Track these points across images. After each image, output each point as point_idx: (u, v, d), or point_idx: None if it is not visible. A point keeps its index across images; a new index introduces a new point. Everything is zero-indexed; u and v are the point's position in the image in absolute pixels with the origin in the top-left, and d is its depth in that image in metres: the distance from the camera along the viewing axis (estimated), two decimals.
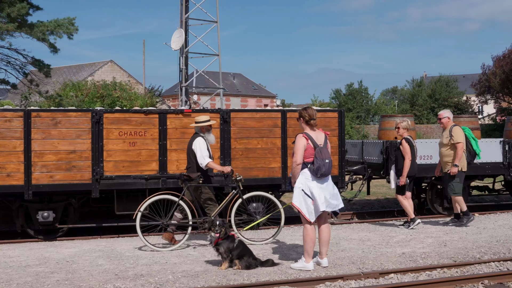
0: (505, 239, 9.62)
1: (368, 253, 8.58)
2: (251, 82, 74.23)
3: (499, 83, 36.12)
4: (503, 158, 12.97)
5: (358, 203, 15.74)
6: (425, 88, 54.61)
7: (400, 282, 6.93)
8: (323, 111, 11.79)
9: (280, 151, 11.13)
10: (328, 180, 7.54)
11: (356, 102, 48.87)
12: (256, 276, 7.26)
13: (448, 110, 11.29)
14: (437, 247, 9.01)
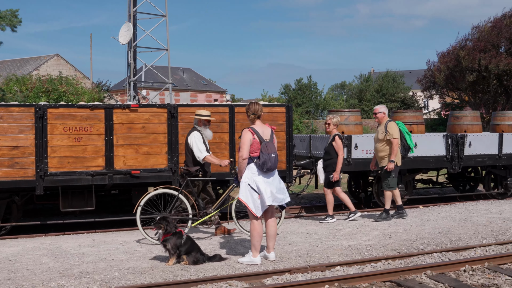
0: (447, 230, 9.88)
1: (315, 246, 8.67)
2: (200, 77, 73.88)
3: (443, 78, 36.95)
4: (446, 152, 13.29)
5: (306, 197, 15.87)
6: (373, 84, 55.53)
7: (346, 274, 7.02)
8: (271, 106, 11.84)
9: (228, 146, 11.12)
10: (275, 175, 7.58)
11: (306, 97, 49.19)
12: (204, 271, 7.25)
13: (383, 105, 11.36)
14: (382, 239, 9.19)
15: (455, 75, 35.97)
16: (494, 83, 35.02)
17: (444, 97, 42.28)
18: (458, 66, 35.33)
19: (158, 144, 10.70)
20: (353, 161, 12.26)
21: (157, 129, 10.70)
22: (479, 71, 34.31)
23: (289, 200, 7.83)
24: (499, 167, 14.38)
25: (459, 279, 6.87)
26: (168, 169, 10.70)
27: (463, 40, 36.98)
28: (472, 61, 34.03)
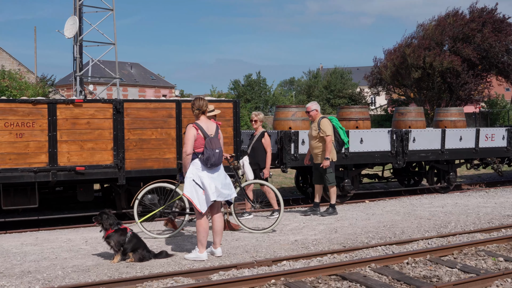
0: (391, 224, 10.08)
1: (261, 242, 8.70)
2: (149, 72, 73.13)
3: (390, 75, 37.62)
4: (391, 147, 13.54)
5: (254, 192, 15.87)
6: (321, 80, 56.04)
7: (292, 268, 7.06)
8: (218, 101, 11.83)
9: (175, 141, 11.04)
10: (220, 170, 7.57)
11: (255, 93, 49.34)
12: (150, 268, 7.18)
13: (315, 102, 11.30)
14: (328, 233, 9.29)
15: (401, 72, 36.67)
16: (438, 80, 35.87)
17: (391, 93, 43.08)
18: (404, 63, 36.03)
19: (104, 140, 10.53)
20: (300, 156, 12.34)
21: (103, 125, 10.52)
22: (424, 68, 35.07)
23: (236, 196, 7.83)
24: (442, 162, 14.76)
25: (402, 272, 7.01)
26: (114, 165, 10.55)
27: (408, 38, 37.73)
28: (417, 59, 34.76)
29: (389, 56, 38.06)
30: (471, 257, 7.66)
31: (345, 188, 13.17)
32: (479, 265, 7.24)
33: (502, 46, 34.21)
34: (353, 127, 13.53)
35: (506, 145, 15.63)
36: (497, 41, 33.83)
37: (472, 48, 34.07)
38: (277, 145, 12.44)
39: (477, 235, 9.06)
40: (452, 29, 35.05)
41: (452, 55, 34.20)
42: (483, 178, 19.85)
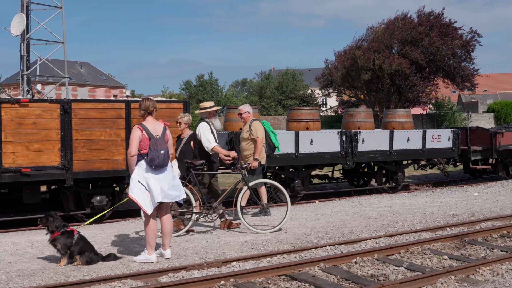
0: (340, 224, 10.20)
1: (211, 243, 8.68)
2: (99, 71, 72.03)
3: (340, 77, 38.06)
4: (341, 148, 13.71)
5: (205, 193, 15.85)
6: (273, 81, 56.29)
7: (241, 269, 7.07)
8: (168, 102, 11.76)
9: (125, 142, 10.90)
10: (167, 171, 7.50)
11: (207, 93, 49.20)
12: (97, 271, 7.06)
13: (248, 104, 11.12)
14: (278, 234, 9.33)
15: (352, 74, 37.15)
16: (387, 82, 36.48)
17: (341, 95, 43.60)
18: (354, 65, 36.52)
19: (51, 141, 10.32)
20: None
21: (49, 125, 10.31)
22: (374, 70, 35.62)
23: (185, 197, 7.79)
24: (390, 162, 15.03)
25: (350, 271, 7.10)
26: (61, 167, 10.35)
27: (359, 40, 38.27)
28: (367, 61, 35.28)
29: (340, 58, 38.49)
30: (417, 256, 7.81)
31: (295, 189, 13.26)
32: (425, 263, 7.40)
33: (448, 49, 35.03)
34: (303, 128, 13.64)
35: (451, 146, 16.04)
36: (444, 45, 34.63)
37: (420, 51, 34.77)
38: (227, 146, 12.43)
39: (423, 234, 9.25)
40: (400, 33, 35.69)
41: (400, 58, 34.83)
42: (430, 178, 20.33)
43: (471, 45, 36.08)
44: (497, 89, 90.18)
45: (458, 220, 10.62)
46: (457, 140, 16.15)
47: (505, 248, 8.24)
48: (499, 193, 14.51)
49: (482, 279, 6.67)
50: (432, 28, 35.22)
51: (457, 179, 19.87)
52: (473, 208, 12.04)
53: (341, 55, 38.65)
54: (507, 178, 18.15)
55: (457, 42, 35.23)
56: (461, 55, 36.39)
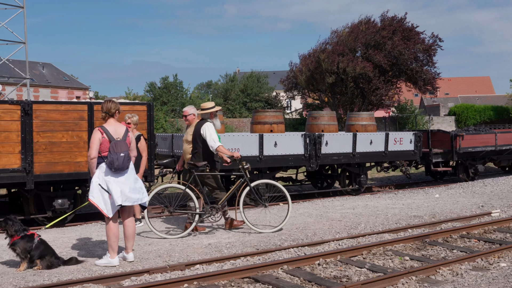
0: (304, 226, 10.26)
1: (175, 246, 8.64)
2: (62, 72, 70.96)
3: (305, 80, 38.24)
4: (305, 151, 13.78)
5: (169, 196, 15.75)
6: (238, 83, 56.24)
7: (205, 272, 7.05)
8: (132, 104, 11.65)
9: (87, 144, 10.74)
10: (128, 174, 7.43)
11: (171, 95, 48.82)
12: (58, 276, 6.97)
13: (193, 106, 10.77)
14: (242, 236, 9.34)
15: (316, 76, 37.37)
16: (351, 85, 36.80)
17: (306, 97, 43.82)
18: (318, 68, 36.74)
19: (11, 143, 10.12)
20: None
21: (9, 127, 10.11)
22: (338, 73, 35.90)
23: (148, 200, 7.73)
24: (353, 165, 15.18)
25: (314, 272, 7.15)
26: (21, 169, 10.17)
27: (323, 43, 38.51)
28: (332, 64, 35.54)
29: (304, 61, 38.68)
30: (379, 257, 7.91)
31: (259, 191, 13.27)
32: (387, 264, 7.50)
33: (410, 53, 35.50)
34: (267, 130, 13.69)
35: (413, 149, 16.27)
36: (406, 49, 35.09)
37: (383, 55, 35.17)
38: None
39: (385, 236, 9.37)
40: (364, 36, 36.05)
41: (364, 61, 35.17)
42: (393, 180, 20.60)
43: (433, 49, 36.66)
44: (458, 93, 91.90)
45: (420, 222, 10.78)
46: (419, 142, 16.40)
47: (464, 249, 8.40)
48: (459, 195, 14.78)
49: (442, 279, 6.79)
50: (395, 32, 35.68)
51: (419, 181, 20.19)
52: (434, 209, 12.24)
53: (306, 58, 38.85)
54: (467, 180, 18.51)
55: (419, 46, 35.74)
56: (423, 59, 36.94)
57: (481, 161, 18.99)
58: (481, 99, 75.40)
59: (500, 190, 15.59)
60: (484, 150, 18.36)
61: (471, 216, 11.20)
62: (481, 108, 46.26)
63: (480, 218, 11.15)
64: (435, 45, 36.74)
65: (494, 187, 16.13)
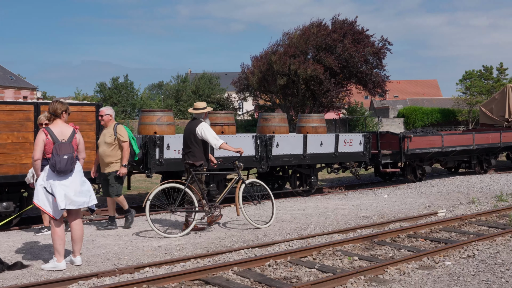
0: (254, 227, 10.27)
1: (124, 249, 8.52)
2: (8, 72, 69.22)
3: (256, 81, 38.33)
4: (255, 152, 13.80)
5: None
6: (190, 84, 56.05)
7: (154, 275, 6.98)
8: (80, 104, 11.44)
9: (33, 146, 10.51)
10: (73, 177, 7.27)
11: (122, 96, 48.31)
12: (2, 281, 6.78)
13: (110, 107, 10.43)
14: (192, 238, 9.29)
15: (267, 78, 37.52)
16: (302, 87, 37.08)
17: (257, 99, 43.95)
18: (270, 70, 36.90)
19: None
20: (165, 161, 12.24)
21: None
22: (289, 75, 36.14)
23: (96, 203, 7.60)
24: (304, 166, 15.29)
25: (264, 274, 7.16)
26: None
27: (275, 45, 38.69)
28: (283, 66, 35.73)
29: (256, 62, 38.77)
30: (329, 257, 7.99)
31: (210, 193, 13.23)
32: (336, 265, 7.58)
33: (360, 56, 36.03)
34: (218, 132, 13.63)
35: (363, 150, 16.51)
36: (356, 52, 35.59)
37: (334, 58, 35.56)
38: (141, 150, 12.23)
39: (335, 236, 9.47)
40: (315, 39, 36.37)
41: (315, 64, 35.49)
42: (343, 181, 20.84)
43: (382, 52, 37.28)
44: (406, 95, 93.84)
45: (368, 222, 10.94)
46: (368, 144, 16.65)
47: (411, 248, 8.57)
48: (407, 195, 15.07)
49: (390, 278, 6.90)
50: (345, 35, 36.13)
51: (368, 182, 20.50)
52: (383, 210, 12.44)
53: (258, 59, 38.95)
54: (415, 181, 18.88)
55: (369, 49, 36.30)
56: (373, 62, 37.52)
57: (428, 162, 19.40)
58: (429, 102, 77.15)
59: (446, 190, 15.97)
60: (431, 151, 18.76)
61: (418, 216, 11.43)
62: (429, 110, 47.28)
63: (427, 218, 11.39)
64: (385, 48, 37.37)
65: (441, 188, 16.51)
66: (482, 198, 14.11)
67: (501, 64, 44.88)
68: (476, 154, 21.27)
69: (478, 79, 44.71)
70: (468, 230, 10.19)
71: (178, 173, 13.29)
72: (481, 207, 12.66)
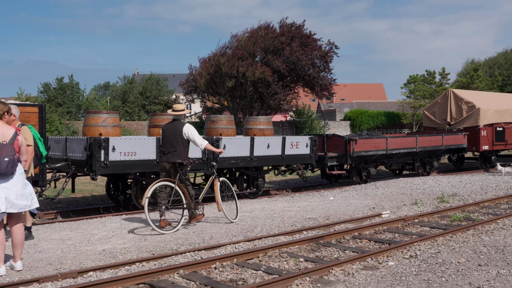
0: (200, 230, 10.23)
1: (67, 253, 8.35)
2: None
3: (204, 83, 38.20)
4: (202, 154, 13.71)
5: (63, 201, 15.26)
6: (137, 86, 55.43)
7: (98, 279, 6.87)
8: (22, 105, 11.15)
9: None
10: (14, 179, 7.08)
11: (67, 97, 47.27)
12: None
13: (15, 106, 9.24)
14: (137, 241, 9.18)
15: (216, 80, 37.46)
16: (250, 89, 37.19)
17: (205, 101, 43.82)
18: (218, 72, 36.85)
19: None
20: (110, 163, 12.05)
21: None
22: (237, 77, 36.18)
23: (37, 206, 7.42)
24: (251, 168, 15.33)
25: (210, 276, 7.14)
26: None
27: (223, 47, 38.66)
28: (231, 68, 35.75)
29: (204, 64, 38.65)
30: (275, 259, 8.03)
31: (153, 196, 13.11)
32: (282, 266, 7.62)
33: (308, 59, 36.37)
34: None
35: (309, 153, 16.67)
36: (304, 55, 35.92)
37: (281, 60, 35.77)
38: (86, 152, 12.01)
39: (281, 238, 9.52)
40: (263, 41, 36.52)
41: (263, 66, 35.63)
42: (290, 184, 20.99)
43: (329, 56, 37.74)
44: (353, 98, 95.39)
45: (314, 224, 11.05)
46: (315, 146, 16.82)
47: (356, 249, 8.69)
48: (353, 197, 15.30)
49: (335, 279, 6.98)
50: (293, 38, 36.41)
51: (315, 184, 20.70)
52: (328, 211, 12.59)
53: (206, 61, 38.84)
54: (360, 183, 19.19)
55: (316, 52, 36.68)
56: (320, 65, 37.93)
57: (373, 164, 19.74)
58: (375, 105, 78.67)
59: (390, 192, 16.29)
60: (376, 154, 19.10)
61: (363, 217, 11.61)
62: (374, 113, 48.23)
63: (371, 219, 11.59)
64: (332, 52, 37.84)
65: (385, 189, 16.83)
66: (424, 200, 14.45)
67: (443, 69, 46.05)
68: (420, 157, 21.78)
69: (421, 83, 45.77)
70: (411, 230, 10.41)
71: (124, 176, 13.13)
72: (423, 208, 12.97)
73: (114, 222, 11.05)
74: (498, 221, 11.08)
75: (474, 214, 12.14)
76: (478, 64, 54.01)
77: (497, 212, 12.36)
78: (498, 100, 26.58)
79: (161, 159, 10.50)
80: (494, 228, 10.32)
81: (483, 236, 9.57)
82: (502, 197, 14.60)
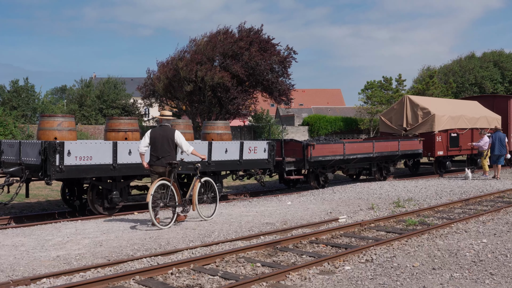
0: (157, 235, 10.15)
1: (20, 259, 8.17)
2: None
3: (162, 87, 37.92)
4: None
5: (16, 206, 14.92)
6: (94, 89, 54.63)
7: (51, 286, 6.75)
8: None
9: None
10: None
11: (22, 100, 46.27)
12: None
13: None
14: (93, 247, 9.05)
15: (174, 84, 37.24)
16: (209, 94, 37.09)
17: (164, 105, 43.52)
18: (176, 76, 36.64)
19: None
20: (66, 168, 11.84)
21: None
22: (196, 82, 36.04)
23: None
24: (209, 173, 15.27)
25: (166, 282, 7.10)
26: None
27: (182, 51, 38.46)
28: (190, 72, 35.59)
29: (162, 68, 38.38)
30: (232, 264, 8.03)
31: (113, 200, 12.97)
32: (239, 272, 7.62)
33: (267, 64, 36.49)
34: (122, 138, 13.39)
35: (267, 157, 16.72)
36: (263, 60, 36.02)
37: (240, 65, 35.80)
38: (41, 156, 11.78)
39: (238, 243, 9.52)
40: (222, 46, 36.49)
41: (222, 71, 35.58)
42: (248, 188, 21.00)
43: (288, 61, 37.96)
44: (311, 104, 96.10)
45: (272, 228, 11.08)
46: (273, 151, 16.88)
47: (313, 254, 8.76)
48: (310, 202, 15.39)
49: (292, 284, 7.02)
50: (252, 43, 36.50)
51: (273, 188, 20.75)
52: (286, 216, 12.64)
53: (164, 65, 38.58)
54: (318, 188, 19.32)
55: (275, 57, 36.83)
56: (278, 70, 38.10)
57: (330, 169, 19.91)
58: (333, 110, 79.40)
59: (347, 197, 16.46)
60: (334, 159, 19.27)
61: (320, 222, 11.70)
62: (332, 118, 48.64)
63: (328, 224, 11.68)
64: (290, 57, 38.06)
65: (342, 194, 17.00)
66: (381, 204, 14.64)
67: (400, 75, 46.84)
68: (376, 162, 22.07)
69: (378, 89, 46.44)
70: (367, 235, 10.54)
71: (79, 180, 12.93)
72: (380, 213, 13.14)
73: (69, 228, 10.87)
74: (452, 225, 11.32)
75: (429, 218, 12.37)
76: (434, 71, 55.13)
77: (451, 217, 12.62)
78: (452, 106, 27.17)
79: (154, 163, 11.15)
80: (448, 232, 10.54)
81: (437, 240, 9.76)
82: (456, 202, 14.92)
